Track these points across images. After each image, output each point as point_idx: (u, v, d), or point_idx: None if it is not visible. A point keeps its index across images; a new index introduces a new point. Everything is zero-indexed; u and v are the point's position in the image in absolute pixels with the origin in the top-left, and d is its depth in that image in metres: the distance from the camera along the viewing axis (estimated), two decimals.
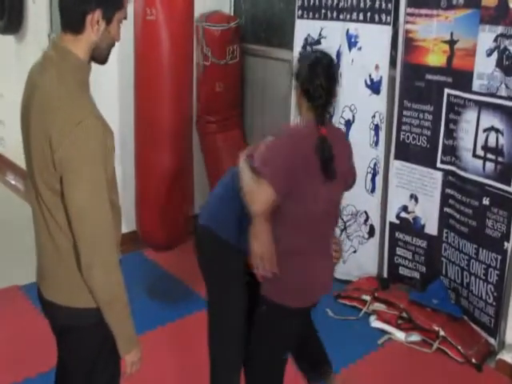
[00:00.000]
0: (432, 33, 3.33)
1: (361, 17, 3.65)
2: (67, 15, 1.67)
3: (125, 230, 4.33)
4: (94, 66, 1.79)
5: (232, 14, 4.60)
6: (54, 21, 4.56)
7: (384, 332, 3.42)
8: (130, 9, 3.48)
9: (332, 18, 3.82)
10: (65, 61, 1.69)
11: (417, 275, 3.69)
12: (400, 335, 3.38)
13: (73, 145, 1.58)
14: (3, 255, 4.21)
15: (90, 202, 1.63)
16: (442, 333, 3.27)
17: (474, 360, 3.16)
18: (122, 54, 3.82)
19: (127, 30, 3.62)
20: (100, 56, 1.77)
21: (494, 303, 3.18)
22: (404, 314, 3.45)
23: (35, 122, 1.70)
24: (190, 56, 3.62)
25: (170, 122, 3.43)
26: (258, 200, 2.05)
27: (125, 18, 1.77)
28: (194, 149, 3.88)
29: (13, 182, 5.70)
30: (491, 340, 3.24)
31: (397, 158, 3.62)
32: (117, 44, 3.92)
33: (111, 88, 4.07)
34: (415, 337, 3.37)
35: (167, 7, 3.31)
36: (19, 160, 5.68)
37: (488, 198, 3.16)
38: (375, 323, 3.48)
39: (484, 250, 3.21)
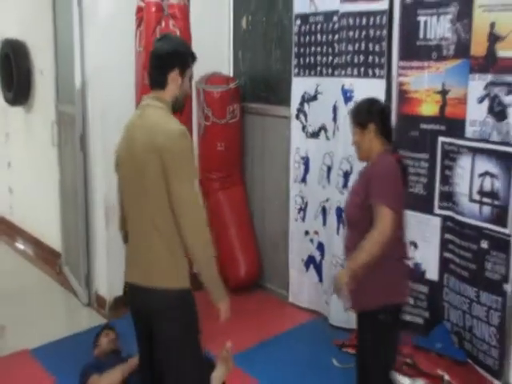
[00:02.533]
0: (424, 84, 3.38)
1: (355, 72, 3.71)
2: (155, 75, 2.25)
3: None
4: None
5: (231, 74, 4.69)
6: (61, 92, 4.64)
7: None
8: (131, 72, 3.59)
9: (327, 75, 3.90)
10: (156, 100, 2.24)
11: (420, 320, 3.63)
12: (406, 381, 3.28)
13: (177, 147, 2.14)
14: (14, 318, 4.14)
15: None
16: (446, 377, 3.19)
17: None
18: (124, 119, 3.83)
19: (127, 95, 3.74)
20: (179, 106, 2.30)
21: (498, 345, 3.12)
22: (409, 360, 3.36)
23: (140, 148, 2.17)
24: (190, 117, 3.66)
25: None
26: (389, 225, 2.32)
27: (191, 75, 2.36)
28: None
29: (22, 247, 5.68)
30: (497, 383, 3.15)
31: None
32: (118, 110, 4.09)
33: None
34: (420, 382, 3.25)
35: None
36: (28, 227, 5.73)
37: (486, 242, 3.14)
38: None
39: (485, 293, 3.16)
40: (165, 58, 2.24)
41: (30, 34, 5.34)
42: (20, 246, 5.72)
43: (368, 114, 2.49)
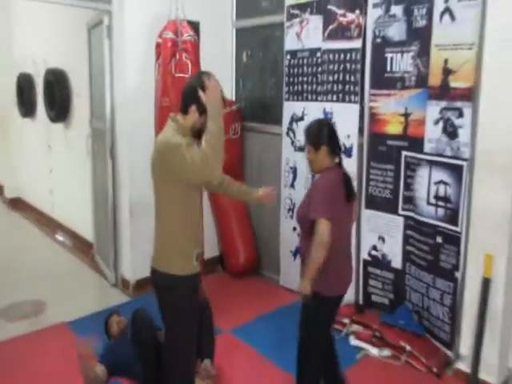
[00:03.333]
0: (391, 108, 3.35)
1: (334, 98, 3.69)
2: (183, 104, 2.26)
3: (148, 274, 4.29)
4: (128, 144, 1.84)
5: (234, 99, 4.68)
6: (95, 111, 4.63)
7: (361, 349, 3.34)
8: (151, 96, 3.58)
9: (312, 100, 3.87)
10: (173, 121, 2.26)
11: (386, 301, 3.60)
12: (374, 351, 3.30)
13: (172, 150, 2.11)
14: (53, 296, 4.15)
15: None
16: (408, 348, 3.19)
17: (435, 369, 3.07)
18: (146, 134, 3.81)
19: (148, 114, 3.74)
20: (195, 133, 2.25)
21: (450, 322, 3.11)
22: (377, 334, 3.37)
23: (152, 156, 2.24)
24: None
25: None
26: (326, 233, 2.20)
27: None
28: (204, 206, 3.84)
29: (61, 239, 5.67)
30: (448, 352, 3.14)
31: (367, 207, 3.59)
32: (140, 126, 4.03)
33: (137, 161, 4.01)
34: (386, 352, 3.28)
35: (178, 96, 3.26)
36: (66, 221, 5.73)
37: (441, 237, 3.12)
38: (354, 342, 3.41)
39: (439, 279, 3.15)
40: (186, 93, 2.26)
41: (69, 63, 5.33)
42: (59, 237, 5.71)
43: (319, 138, 2.35)
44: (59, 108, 5.39)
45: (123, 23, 3.92)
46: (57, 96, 5.34)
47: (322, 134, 2.37)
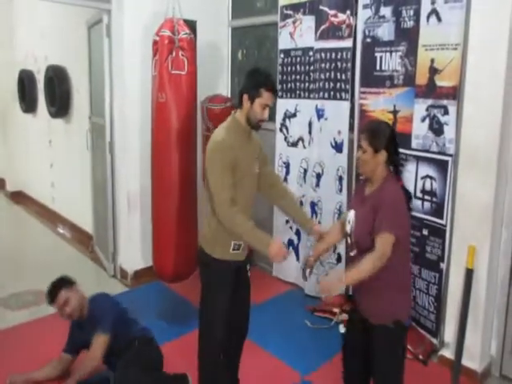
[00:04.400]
0: (380, 105, 3.39)
1: (326, 95, 3.73)
2: (238, 95, 2.28)
3: (145, 264, 4.33)
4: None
5: (229, 95, 4.71)
6: (94, 107, 4.65)
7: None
8: (148, 92, 3.62)
9: (305, 97, 3.92)
10: (231, 121, 2.30)
11: None
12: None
13: (209, 153, 2.21)
14: None
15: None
16: None
17: (421, 357, 3.13)
18: (143, 129, 3.93)
19: (145, 110, 3.77)
20: (250, 124, 2.28)
21: (435, 311, 3.17)
22: None
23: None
24: (194, 128, 3.61)
25: (178, 178, 3.43)
26: (388, 251, 1.96)
27: (267, 105, 2.24)
28: (199, 198, 3.87)
29: (61, 231, 5.70)
30: (434, 340, 3.20)
31: None
32: (138, 122, 3.99)
33: (135, 155, 4.11)
34: None
35: (174, 92, 3.36)
36: (67, 214, 5.75)
37: (427, 230, 3.17)
38: (343, 330, 3.37)
39: (425, 270, 3.20)
40: (241, 87, 2.30)
41: (69, 60, 5.36)
42: (60, 229, 5.74)
43: (384, 142, 2.05)
44: (59, 104, 5.42)
45: (122, 22, 3.95)
46: (57, 92, 5.37)
47: (390, 139, 2.08)
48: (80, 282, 4.33)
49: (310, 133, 3.92)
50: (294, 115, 4.01)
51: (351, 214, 2.14)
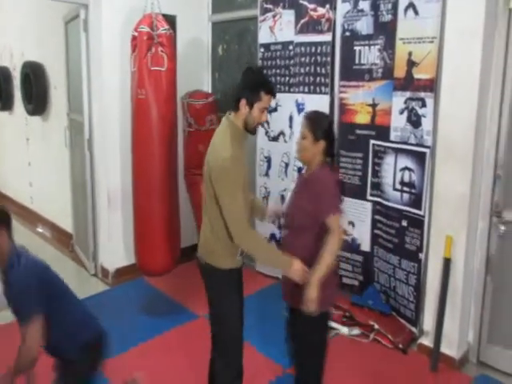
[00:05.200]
0: (359, 99, 3.45)
1: (306, 89, 3.78)
2: (233, 99, 2.16)
3: (127, 262, 4.33)
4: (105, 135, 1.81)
5: (210, 91, 4.74)
6: (72, 104, 4.63)
7: (332, 328, 3.39)
8: (127, 88, 3.63)
9: (285, 91, 3.95)
10: (229, 126, 2.15)
11: (356, 283, 3.73)
12: (344, 330, 3.41)
13: (220, 171, 2.07)
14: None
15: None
16: (376, 326, 3.33)
17: (401, 345, 3.21)
18: (123, 126, 3.95)
19: (124, 106, 3.78)
20: (249, 128, 2.18)
21: (414, 301, 3.24)
22: (347, 314, 3.49)
23: (206, 159, 2.19)
24: (175, 124, 3.61)
25: (159, 176, 3.43)
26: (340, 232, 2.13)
27: (266, 108, 2.16)
28: (181, 194, 3.89)
29: (41, 231, 5.67)
30: (413, 329, 3.28)
31: None
32: (117, 118, 3.96)
33: (115, 152, 4.12)
34: (356, 330, 3.40)
35: (154, 88, 3.37)
36: (46, 213, 5.71)
37: (406, 221, 3.23)
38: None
39: (405, 260, 3.27)
40: (237, 90, 2.18)
41: (46, 56, 5.31)
42: (39, 229, 5.70)
43: (324, 133, 2.17)
44: (37, 101, 5.37)
45: (100, 17, 3.95)
46: (34, 89, 5.32)
47: (329, 131, 2.21)
48: None
49: (290, 127, 3.97)
50: (275, 110, 4.05)
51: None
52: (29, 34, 5.57)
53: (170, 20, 3.71)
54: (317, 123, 2.19)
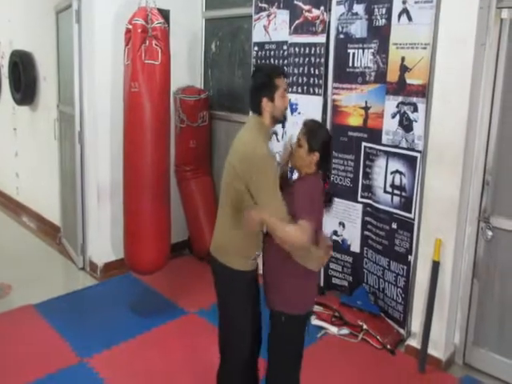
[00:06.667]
0: (352, 101, 3.49)
1: (300, 90, 3.81)
2: (251, 104, 2.18)
3: (115, 257, 4.36)
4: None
5: (202, 87, 4.77)
6: (62, 95, 4.63)
7: (322, 328, 3.50)
8: (120, 81, 3.65)
9: None
10: (258, 124, 2.15)
11: (345, 283, 3.79)
12: (333, 330, 3.47)
13: (259, 167, 2.04)
14: (19, 279, 4.18)
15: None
16: (364, 326, 3.40)
17: (389, 346, 3.28)
18: (114, 119, 3.97)
19: (116, 99, 3.80)
20: (278, 119, 2.22)
21: (403, 302, 3.32)
22: (336, 314, 3.56)
23: (229, 159, 2.18)
24: (167, 119, 3.62)
25: (150, 173, 3.44)
26: (306, 234, 2.02)
27: (285, 89, 2.17)
28: (172, 191, 3.90)
29: (27, 223, 5.67)
30: (401, 330, 3.36)
31: None
32: (109, 112, 3.93)
33: (105, 146, 4.14)
34: (345, 330, 3.46)
35: (147, 82, 3.37)
36: (32, 205, 5.71)
37: (396, 223, 3.30)
38: (315, 321, 3.53)
39: (394, 263, 3.34)
40: (253, 93, 2.17)
41: (36, 45, 5.29)
42: (26, 221, 5.70)
43: (321, 145, 2.15)
44: (25, 90, 5.34)
45: (93, 8, 3.95)
46: (22, 78, 5.29)
47: (325, 145, 2.19)
48: (47, 275, 4.38)
49: (283, 127, 4.01)
50: None
51: None
52: (18, 21, 5.54)
53: (164, 14, 3.71)
54: (314, 133, 2.17)
